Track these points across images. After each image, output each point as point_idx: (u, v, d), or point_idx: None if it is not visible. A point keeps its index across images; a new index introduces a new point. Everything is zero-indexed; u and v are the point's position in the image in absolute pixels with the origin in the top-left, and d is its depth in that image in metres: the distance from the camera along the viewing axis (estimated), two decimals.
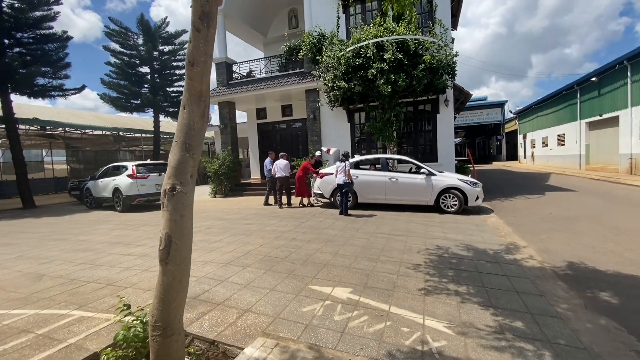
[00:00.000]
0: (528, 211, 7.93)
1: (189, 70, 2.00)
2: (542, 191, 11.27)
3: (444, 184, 7.62)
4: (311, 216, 7.63)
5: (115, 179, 10.26)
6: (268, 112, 15.62)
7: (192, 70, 1.98)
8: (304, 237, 5.59)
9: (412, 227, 6.31)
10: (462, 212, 7.61)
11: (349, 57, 9.77)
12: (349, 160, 7.57)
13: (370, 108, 10.55)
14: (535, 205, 8.73)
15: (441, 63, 9.60)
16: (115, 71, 17.91)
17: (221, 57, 13.56)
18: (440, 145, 10.93)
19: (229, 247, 5.15)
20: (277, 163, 9.39)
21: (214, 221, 7.50)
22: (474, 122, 34.98)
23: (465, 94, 11.10)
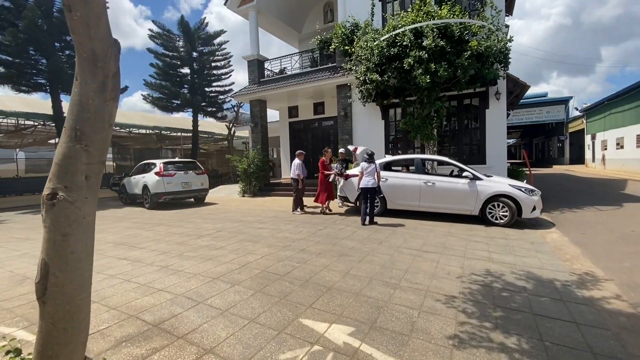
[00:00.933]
0: (601, 227, 6.37)
1: (68, 20, 1.34)
2: (619, 201, 9.30)
3: (491, 190, 6.38)
4: (331, 222, 6.83)
5: (145, 176, 10.34)
6: (300, 110, 15.09)
7: (72, 18, 1.32)
8: (315, 249, 4.82)
9: (449, 241, 5.24)
10: (514, 225, 6.31)
11: (382, 46, 8.80)
12: (374, 160, 6.63)
13: (406, 103, 9.48)
14: (610, 219, 7.06)
15: (491, 50, 8.26)
16: (158, 72, 18.61)
17: (253, 54, 13.29)
18: (489, 145, 9.50)
19: (228, 256, 4.55)
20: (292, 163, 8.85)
21: (229, 223, 7.03)
22: (531, 121, 31.53)
23: (520, 85, 9.53)
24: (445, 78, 8.18)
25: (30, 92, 13.96)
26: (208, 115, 20.62)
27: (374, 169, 6.50)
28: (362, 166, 6.64)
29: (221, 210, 9.11)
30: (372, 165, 6.52)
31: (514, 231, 5.96)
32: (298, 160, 8.90)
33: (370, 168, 6.51)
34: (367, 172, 6.53)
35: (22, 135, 18.99)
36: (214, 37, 19.51)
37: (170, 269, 4.05)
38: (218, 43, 19.84)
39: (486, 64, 8.44)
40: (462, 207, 6.67)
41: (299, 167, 8.58)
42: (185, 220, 7.74)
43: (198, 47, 19.28)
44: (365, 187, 6.52)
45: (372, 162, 6.54)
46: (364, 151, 9.21)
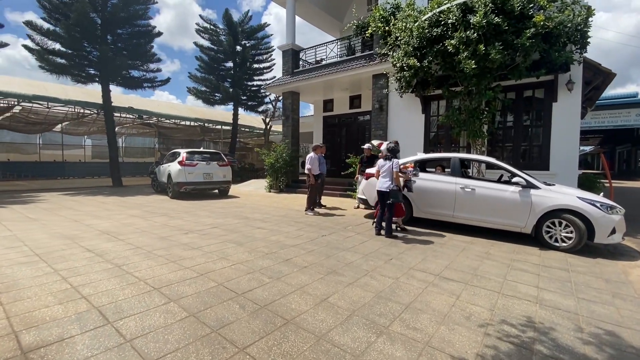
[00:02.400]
0: None
1: None
2: None
3: (551, 202, 4.87)
4: (341, 228, 5.83)
5: (170, 165, 10.27)
6: (335, 104, 14.16)
7: None
8: (303, 260, 3.90)
9: (483, 267, 3.97)
10: (581, 251, 4.76)
11: (423, 27, 7.52)
12: (397, 157, 5.46)
13: (451, 94, 8.03)
14: None
15: (564, 26, 6.55)
16: (202, 65, 19.02)
17: (288, 43, 12.69)
18: (555, 148, 7.68)
19: (197, 259, 3.84)
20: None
21: (231, 219, 6.41)
22: (615, 125, 26.80)
23: (603, 74, 7.52)
24: (499, 63, 6.67)
25: (86, 83, 14.94)
26: (249, 109, 20.66)
27: (390, 168, 5.31)
28: (378, 164, 5.54)
29: (235, 205, 8.60)
30: (388, 163, 5.34)
31: (580, 260, 4.43)
32: (313, 154, 8.06)
33: (387, 166, 5.33)
34: (382, 172, 5.40)
35: (86, 124, 20.72)
36: (258, 31, 19.41)
37: (121, 270, 3.45)
38: (261, 37, 19.71)
39: (556, 45, 6.75)
40: (509, 221, 5.23)
41: (312, 160, 7.73)
42: (191, 212, 7.31)
43: (241, 41, 19.33)
44: (379, 191, 5.39)
45: (391, 159, 5.36)
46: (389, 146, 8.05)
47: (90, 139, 26.12)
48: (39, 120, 18.66)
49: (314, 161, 7.88)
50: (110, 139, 14.46)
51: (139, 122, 20.63)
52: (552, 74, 7.31)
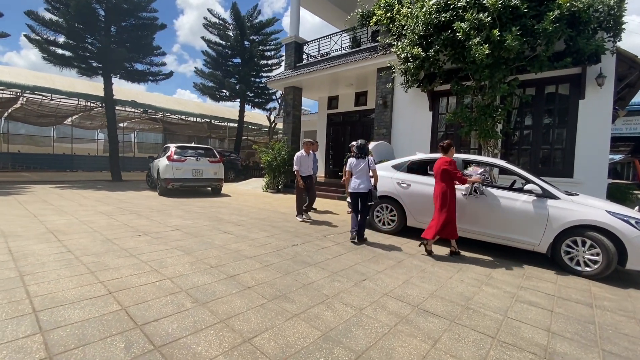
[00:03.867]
0: None
1: None
2: None
3: (573, 216, 3.95)
4: (320, 237, 5.05)
5: (160, 160, 9.79)
6: (340, 101, 13.39)
7: None
8: (251, 279, 3.17)
9: (480, 296, 3.13)
10: (609, 278, 3.82)
11: (430, 12, 6.67)
12: (367, 154, 4.82)
13: (460, 88, 7.12)
14: None
15: (594, 11, 5.58)
16: (208, 61, 18.67)
17: (291, 35, 12.03)
18: (580, 152, 6.66)
19: (123, 270, 3.18)
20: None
21: (201, 221, 5.77)
22: None
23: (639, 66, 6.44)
24: (516, 51, 5.76)
25: (91, 76, 14.78)
26: (255, 106, 20.16)
27: (365, 167, 4.68)
28: (349, 163, 4.82)
29: (219, 205, 7.98)
30: (362, 163, 4.71)
31: (608, 291, 3.51)
32: (301, 152, 7.16)
33: (361, 166, 4.71)
34: (356, 172, 4.75)
35: (95, 117, 20.77)
36: (266, 25, 18.88)
37: (19, 281, 2.84)
38: (270, 32, 19.18)
39: (584, 32, 5.76)
40: (519, 237, 4.33)
41: (298, 160, 6.77)
42: (165, 211, 6.73)
43: (250, 36, 18.85)
44: (353, 192, 4.74)
45: (363, 157, 4.74)
46: (379, 146, 7.26)
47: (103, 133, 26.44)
48: (50, 113, 18.81)
49: (300, 160, 7.04)
50: (110, 132, 14.23)
51: (146, 117, 20.52)
52: (579, 66, 6.31)
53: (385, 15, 8.20)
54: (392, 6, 8.13)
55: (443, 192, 4.27)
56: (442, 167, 4.30)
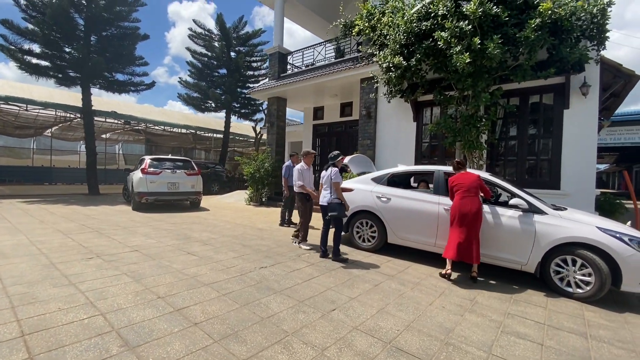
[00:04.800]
0: None
1: None
2: None
3: (561, 233, 3.66)
4: (296, 255, 4.66)
5: (134, 173, 9.32)
6: (326, 111, 13.18)
7: None
8: (201, 312, 2.76)
9: (462, 327, 2.78)
10: (602, 300, 3.52)
11: (412, 20, 6.51)
12: (336, 164, 4.61)
13: (443, 98, 6.93)
14: None
15: (576, 19, 5.47)
16: (193, 71, 18.37)
17: (275, 46, 11.84)
18: (567, 163, 6.46)
19: (46, 306, 2.73)
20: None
21: (167, 240, 5.32)
22: (633, 142, 25.14)
23: (625, 76, 6.31)
24: (498, 60, 5.59)
25: (69, 86, 14.29)
26: (242, 117, 19.83)
27: (328, 179, 4.51)
28: (323, 174, 4.74)
29: (193, 220, 7.52)
30: (326, 173, 4.60)
31: (602, 316, 3.19)
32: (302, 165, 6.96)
33: (325, 177, 4.61)
34: (324, 183, 4.67)
35: (75, 129, 20.15)
36: (252, 37, 18.73)
37: None
38: (257, 43, 19.04)
39: (567, 40, 5.64)
40: (506, 256, 4.02)
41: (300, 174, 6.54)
42: (131, 228, 6.25)
43: (235, 47, 18.67)
44: (320, 205, 4.65)
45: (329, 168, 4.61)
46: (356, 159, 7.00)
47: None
48: (28, 124, 18.16)
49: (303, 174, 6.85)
50: (88, 143, 13.68)
51: (129, 129, 20.00)
52: (562, 75, 6.17)
53: (367, 24, 8.05)
54: (374, 15, 8.00)
55: (479, 209, 3.87)
56: (478, 183, 3.95)
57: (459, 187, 4.00)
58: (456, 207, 3.89)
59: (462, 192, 3.93)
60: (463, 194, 3.91)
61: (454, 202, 3.97)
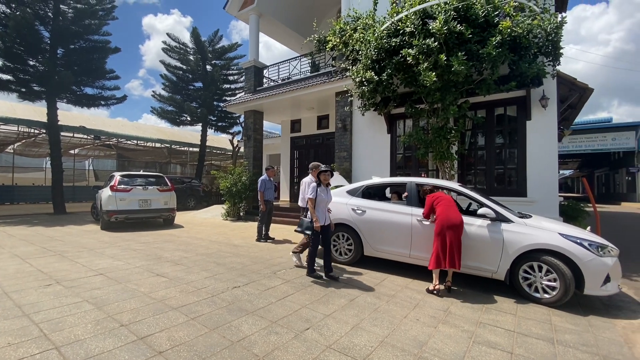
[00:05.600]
0: None
1: None
2: None
3: (527, 241, 3.80)
4: (271, 272, 4.57)
5: (104, 190, 8.92)
6: (303, 124, 13.27)
7: None
8: (167, 339, 2.63)
9: (435, 339, 2.79)
10: (569, 304, 3.66)
11: (382, 37, 6.72)
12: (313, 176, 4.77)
13: (415, 111, 7.15)
14: None
15: (533, 37, 5.84)
16: (167, 84, 18.06)
17: (250, 60, 11.88)
18: (532, 171, 6.78)
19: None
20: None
21: (136, 261, 5.09)
22: (592, 149, 26.89)
23: (580, 89, 6.79)
24: (463, 75, 5.84)
25: (33, 100, 13.64)
26: (219, 130, 19.58)
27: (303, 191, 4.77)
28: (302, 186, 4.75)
29: (166, 239, 7.25)
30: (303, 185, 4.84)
31: (568, 320, 3.31)
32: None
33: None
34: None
35: (40, 145, 19.16)
36: (228, 51, 18.73)
37: None
38: (233, 57, 19.04)
39: (526, 57, 6.00)
40: (477, 264, 4.12)
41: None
42: (98, 250, 5.95)
43: (211, 60, 18.58)
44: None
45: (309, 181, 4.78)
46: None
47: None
48: None
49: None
50: (54, 160, 13.01)
51: (99, 144, 19.25)
52: (523, 89, 6.53)
53: (339, 40, 8.24)
54: (346, 31, 8.20)
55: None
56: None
57: (439, 199, 4.10)
58: (445, 218, 3.93)
59: (445, 203, 4.04)
60: (447, 205, 4.02)
61: (440, 214, 4.01)
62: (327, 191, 4.41)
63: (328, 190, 4.44)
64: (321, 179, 4.37)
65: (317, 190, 4.28)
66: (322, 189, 4.33)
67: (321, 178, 4.37)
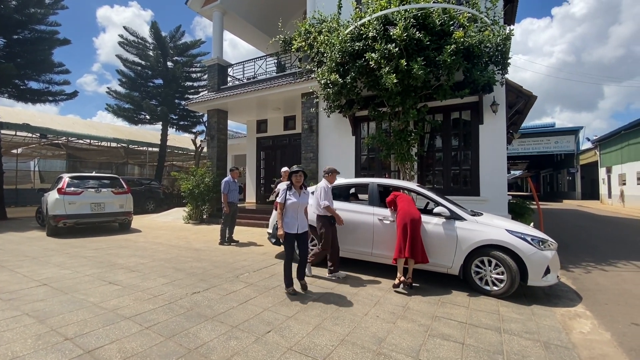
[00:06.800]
0: None
1: None
2: None
3: (478, 237, 4.07)
4: (233, 277, 4.48)
5: (50, 193, 8.22)
6: (269, 125, 13.14)
7: None
8: (117, 352, 2.48)
9: (394, 335, 2.89)
10: (515, 295, 3.95)
11: (346, 40, 6.85)
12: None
13: (377, 114, 7.35)
14: None
15: (485, 45, 6.24)
16: (124, 81, 17.05)
17: (214, 57, 11.55)
18: (484, 172, 7.24)
19: None
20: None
21: (86, 269, 4.76)
22: (538, 151, 29.29)
23: (525, 96, 7.40)
24: (422, 79, 6.11)
25: None
26: (181, 129, 18.82)
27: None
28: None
29: (120, 244, 6.85)
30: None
31: (514, 310, 3.58)
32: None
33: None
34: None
35: None
36: (191, 47, 18.08)
37: None
38: (196, 54, 18.39)
39: (478, 65, 6.40)
40: (434, 260, 4.32)
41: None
42: (43, 258, 5.48)
43: (173, 57, 17.81)
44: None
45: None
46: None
47: None
48: None
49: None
50: None
51: (46, 143, 17.70)
52: (476, 95, 6.95)
53: (305, 42, 8.27)
54: (311, 33, 8.25)
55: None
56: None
57: (401, 197, 4.40)
58: (406, 211, 4.12)
59: (406, 201, 4.29)
60: (408, 202, 4.26)
61: (401, 208, 4.21)
62: (302, 194, 3.98)
63: (304, 193, 4.02)
64: (293, 181, 3.95)
65: (286, 194, 3.87)
66: (293, 192, 3.91)
67: (293, 180, 3.95)
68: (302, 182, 4.00)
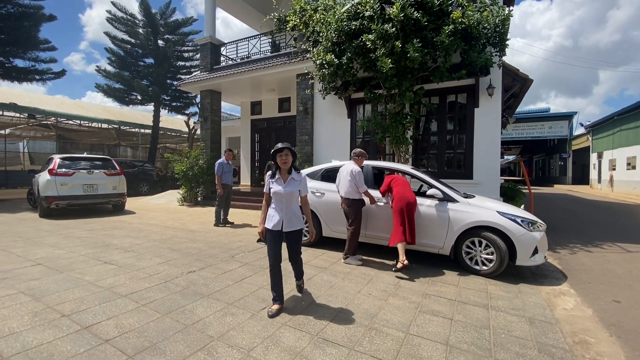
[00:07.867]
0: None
1: None
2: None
3: (469, 219, 4.14)
4: (229, 257, 4.54)
5: (42, 174, 8.11)
6: (264, 106, 12.96)
7: None
8: (115, 327, 2.53)
9: (386, 310, 2.98)
10: (503, 275, 4.07)
11: (342, 19, 6.68)
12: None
13: (373, 96, 7.28)
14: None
15: (483, 26, 6.14)
16: (114, 59, 16.54)
17: (206, 36, 11.22)
18: (478, 155, 7.29)
19: None
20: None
21: (81, 249, 4.77)
22: (532, 136, 29.44)
23: (521, 79, 7.37)
24: (418, 62, 6.03)
25: None
26: (173, 110, 18.48)
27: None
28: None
29: (115, 225, 6.85)
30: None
31: (502, 288, 3.70)
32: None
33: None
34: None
35: None
36: (182, 25, 17.49)
37: None
38: (188, 32, 17.82)
39: (475, 46, 6.31)
40: (426, 241, 4.41)
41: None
42: (37, 239, 5.47)
43: (164, 35, 17.25)
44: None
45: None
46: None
47: None
48: None
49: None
50: None
51: (35, 123, 17.28)
52: (473, 77, 6.91)
53: (300, 21, 8.05)
54: (306, 11, 8.02)
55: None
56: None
57: (396, 180, 4.40)
58: (402, 196, 4.15)
59: (401, 184, 4.31)
60: (403, 185, 4.28)
61: (397, 192, 4.23)
62: (290, 180, 2.92)
63: (292, 179, 2.93)
64: (278, 162, 2.90)
65: (269, 182, 2.96)
66: (277, 178, 2.93)
67: (278, 162, 2.90)
68: (291, 164, 2.96)
